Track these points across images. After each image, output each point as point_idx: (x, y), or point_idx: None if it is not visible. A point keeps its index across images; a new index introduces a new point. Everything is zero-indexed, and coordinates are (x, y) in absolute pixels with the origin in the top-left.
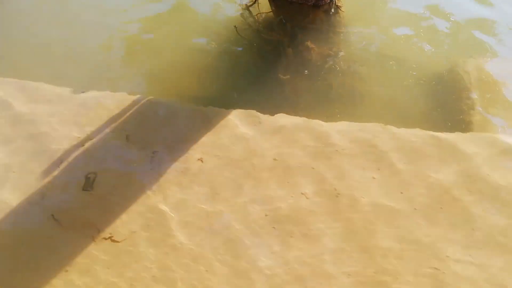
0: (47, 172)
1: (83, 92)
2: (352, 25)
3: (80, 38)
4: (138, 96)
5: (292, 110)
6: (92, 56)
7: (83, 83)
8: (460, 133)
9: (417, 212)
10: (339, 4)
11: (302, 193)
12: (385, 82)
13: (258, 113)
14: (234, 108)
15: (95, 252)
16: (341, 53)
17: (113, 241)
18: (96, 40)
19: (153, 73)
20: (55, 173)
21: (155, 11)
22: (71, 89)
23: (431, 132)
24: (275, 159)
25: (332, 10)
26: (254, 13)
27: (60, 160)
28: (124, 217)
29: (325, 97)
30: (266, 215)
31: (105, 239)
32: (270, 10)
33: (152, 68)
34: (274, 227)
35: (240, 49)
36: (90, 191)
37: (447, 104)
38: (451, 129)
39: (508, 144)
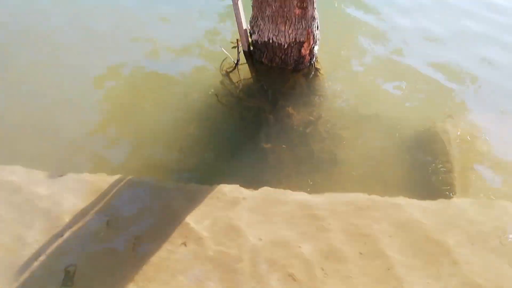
0: (23, 268)
1: (60, 175)
2: (331, 86)
3: (53, 114)
4: (118, 176)
5: (276, 180)
6: (68, 133)
7: (60, 163)
8: (444, 199)
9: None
10: (318, 67)
11: (289, 275)
12: (364, 144)
13: (242, 188)
14: (217, 182)
15: None
16: (321, 117)
17: None
18: (71, 116)
19: (133, 146)
20: (33, 268)
21: (133, 79)
22: (47, 173)
23: (415, 201)
24: (260, 239)
25: (312, 73)
26: (235, 80)
27: (38, 254)
28: None
29: (308, 164)
30: None
31: None
32: (250, 76)
33: (132, 140)
34: None
35: (221, 117)
36: (71, 286)
37: (427, 166)
38: (433, 192)
39: (495, 206)
